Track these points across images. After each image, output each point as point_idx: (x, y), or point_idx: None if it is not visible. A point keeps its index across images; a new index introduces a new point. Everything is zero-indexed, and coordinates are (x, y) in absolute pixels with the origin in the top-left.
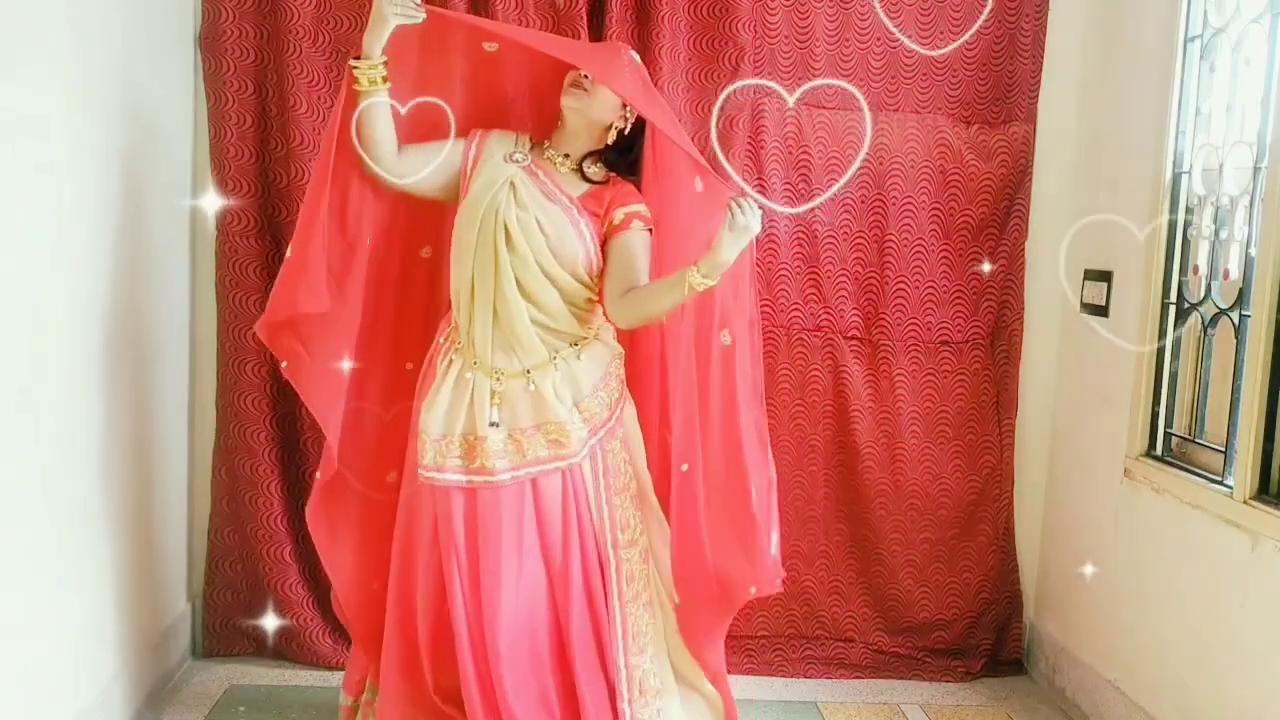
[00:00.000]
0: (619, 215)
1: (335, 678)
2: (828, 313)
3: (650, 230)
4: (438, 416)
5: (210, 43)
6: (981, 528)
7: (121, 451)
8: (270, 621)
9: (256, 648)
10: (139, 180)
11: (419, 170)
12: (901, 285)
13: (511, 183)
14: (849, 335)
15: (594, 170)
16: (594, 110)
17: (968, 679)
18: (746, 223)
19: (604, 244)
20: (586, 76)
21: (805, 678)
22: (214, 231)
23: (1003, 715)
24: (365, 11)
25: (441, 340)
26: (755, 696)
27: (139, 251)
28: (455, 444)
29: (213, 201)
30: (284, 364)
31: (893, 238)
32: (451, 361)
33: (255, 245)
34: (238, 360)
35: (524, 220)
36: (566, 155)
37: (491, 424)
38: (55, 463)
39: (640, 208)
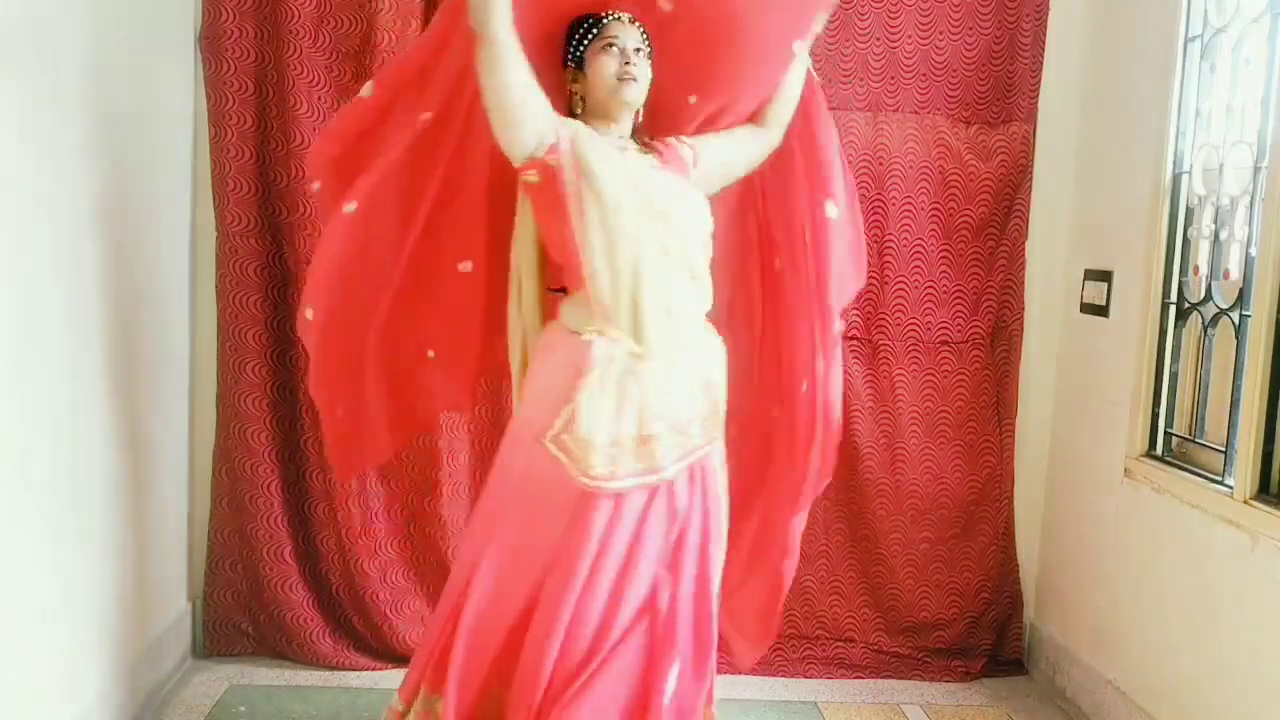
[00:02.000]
0: (687, 144)
1: (335, 678)
2: None
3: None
4: (603, 420)
5: (210, 43)
6: (981, 528)
7: (121, 452)
8: (270, 621)
9: (256, 648)
10: (139, 180)
11: (534, 99)
12: (901, 285)
13: (644, 170)
14: (849, 335)
15: (640, 132)
16: (644, 91)
17: (968, 679)
18: None
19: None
20: (638, 50)
21: (805, 678)
22: (214, 231)
23: (1003, 715)
24: (365, 11)
25: (573, 326)
26: (755, 696)
27: (139, 251)
28: (628, 446)
29: (213, 201)
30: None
31: (892, 238)
32: (612, 359)
33: (255, 245)
34: (238, 360)
35: (671, 196)
36: (619, 131)
37: (659, 419)
38: (55, 463)
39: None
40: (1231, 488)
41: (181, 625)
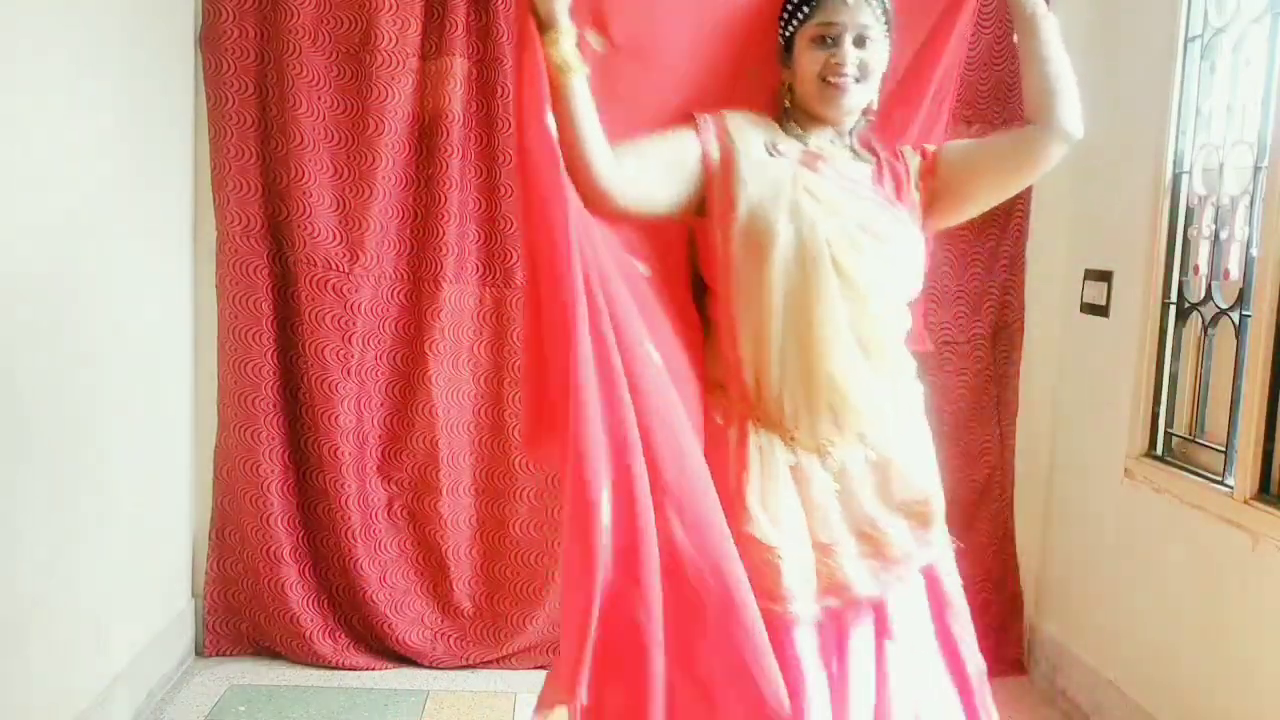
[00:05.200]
0: (915, 161)
1: (336, 677)
2: None
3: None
4: (785, 525)
5: (210, 43)
6: (981, 528)
7: (121, 451)
8: (270, 621)
9: (256, 648)
10: (139, 180)
11: (658, 178)
12: None
13: (806, 188)
14: None
15: (861, 132)
16: (871, 90)
17: None
18: None
19: (932, 196)
20: (864, 38)
21: None
22: (214, 231)
23: (1003, 715)
24: (365, 11)
25: (718, 418)
26: None
27: (140, 251)
28: (807, 561)
29: (213, 201)
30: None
31: None
32: (761, 448)
33: (256, 245)
34: (239, 360)
35: (851, 235)
36: (833, 140)
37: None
38: (54, 462)
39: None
40: (1231, 488)
41: (182, 625)
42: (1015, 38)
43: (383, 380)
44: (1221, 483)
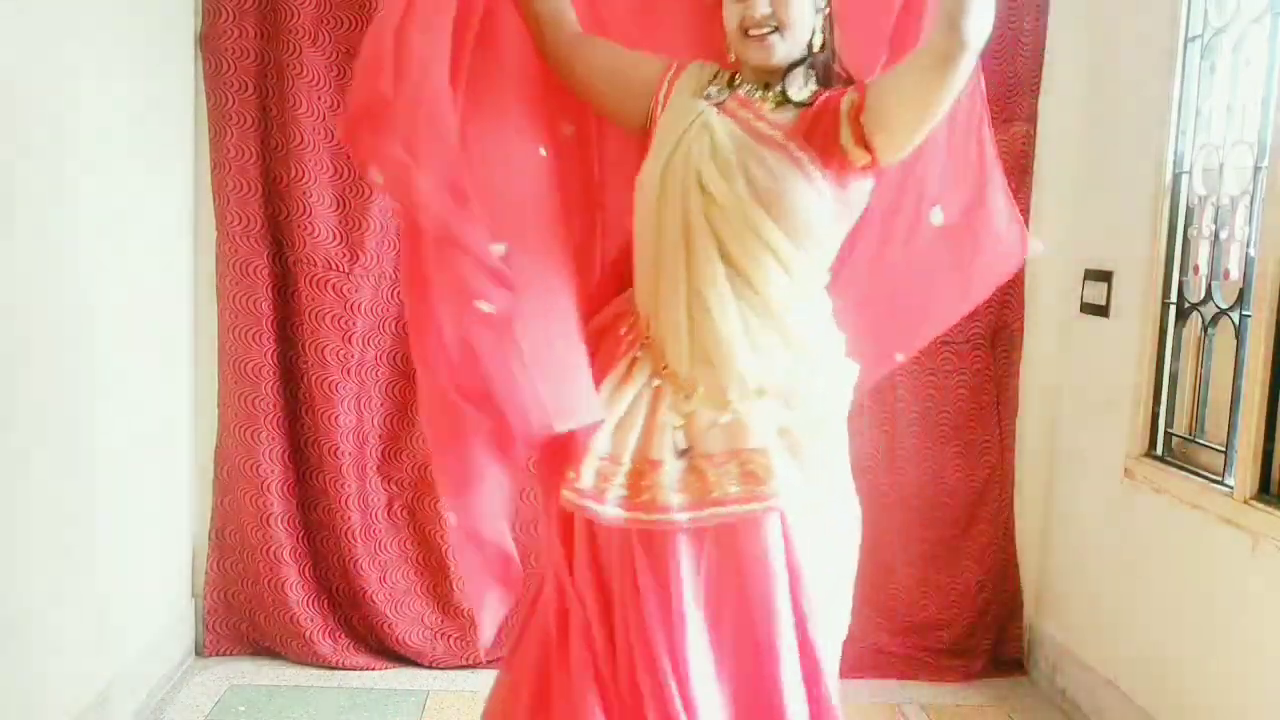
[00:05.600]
0: (848, 99)
1: (335, 677)
2: None
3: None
4: (607, 429)
5: (210, 43)
6: (981, 528)
7: (122, 451)
8: (270, 621)
9: (256, 648)
10: (139, 180)
11: (605, 66)
12: None
13: (706, 124)
14: None
15: (802, 90)
16: (790, 48)
17: (968, 679)
18: None
19: (867, 130)
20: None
21: None
22: (214, 231)
23: (1003, 715)
24: (365, 11)
25: (623, 330)
26: None
27: (140, 250)
28: (622, 470)
29: (213, 201)
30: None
31: None
32: (636, 360)
33: (255, 245)
34: (239, 360)
35: (726, 168)
36: (766, 86)
37: (681, 451)
38: (55, 462)
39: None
40: (1231, 488)
41: (182, 625)
42: None
43: (383, 380)
44: (1221, 483)
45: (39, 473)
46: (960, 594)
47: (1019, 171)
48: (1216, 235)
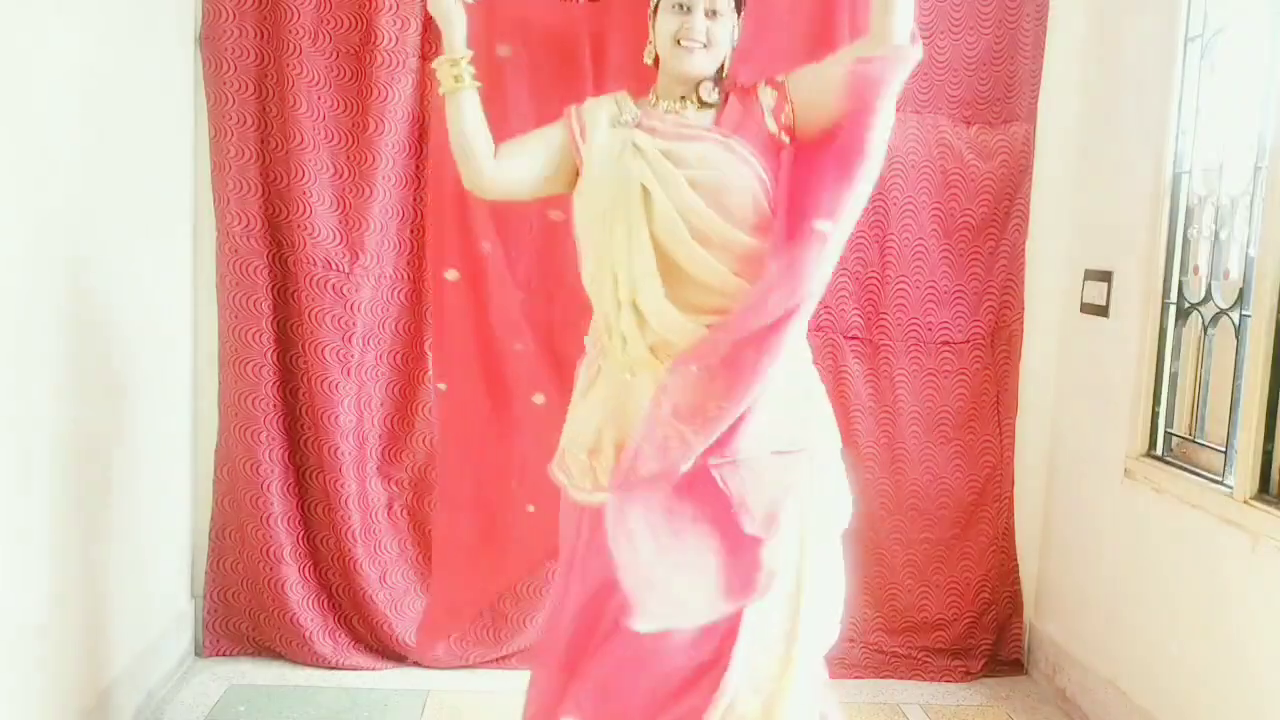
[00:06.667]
0: (766, 93)
1: (335, 678)
2: (828, 312)
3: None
4: (589, 428)
5: (210, 43)
6: (981, 528)
7: (122, 451)
8: (270, 621)
9: (256, 648)
10: (139, 180)
11: (524, 166)
12: (902, 285)
13: (634, 144)
14: (850, 335)
15: (711, 94)
16: (717, 57)
17: (968, 679)
18: None
19: (793, 121)
20: (715, 11)
21: None
22: (214, 231)
23: (1003, 715)
24: (365, 11)
25: (589, 347)
26: None
27: (139, 251)
28: (608, 457)
29: (213, 201)
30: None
31: (893, 237)
32: (600, 369)
33: (256, 245)
34: (239, 360)
35: (665, 177)
36: (682, 98)
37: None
38: (55, 462)
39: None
40: (1231, 488)
41: (182, 625)
42: None
43: (383, 380)
44: (1221, 483)
45: (39, 472)
46: (960, 594)
47: (1019, 171)
48: (1216, 235)
